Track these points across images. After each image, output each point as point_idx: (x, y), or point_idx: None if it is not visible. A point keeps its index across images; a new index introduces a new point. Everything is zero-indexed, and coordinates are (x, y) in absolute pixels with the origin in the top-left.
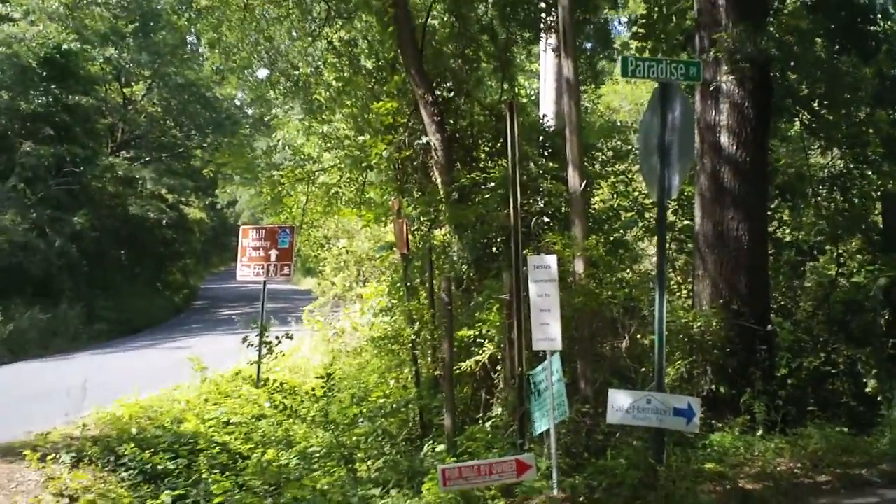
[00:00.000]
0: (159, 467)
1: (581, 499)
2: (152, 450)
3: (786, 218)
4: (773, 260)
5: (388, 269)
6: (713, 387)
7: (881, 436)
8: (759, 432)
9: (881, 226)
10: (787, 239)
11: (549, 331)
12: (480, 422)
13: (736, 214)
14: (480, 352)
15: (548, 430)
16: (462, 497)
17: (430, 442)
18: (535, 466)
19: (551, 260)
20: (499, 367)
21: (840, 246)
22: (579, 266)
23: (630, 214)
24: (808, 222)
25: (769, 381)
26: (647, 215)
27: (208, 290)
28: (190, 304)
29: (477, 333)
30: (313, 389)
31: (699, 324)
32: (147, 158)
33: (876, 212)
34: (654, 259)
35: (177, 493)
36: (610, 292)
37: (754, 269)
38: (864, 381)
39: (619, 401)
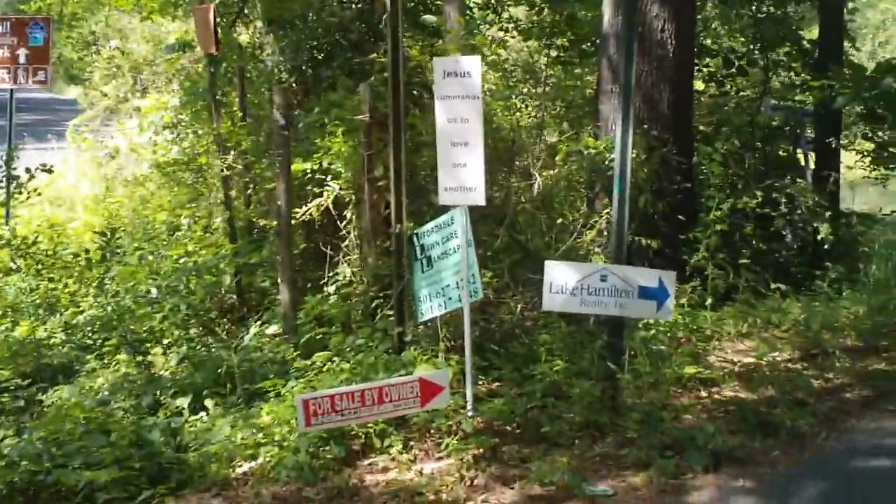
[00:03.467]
0: None
1: (510, 427)
2: None
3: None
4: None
5: (177, 75)
6: (638, 240)
7: (848, 299)
8: (708, 301)
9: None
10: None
11: (465, 175)
12: (324, 289)
13: (661, 10)
14: (327, 192)
15: (443, 317)
16: (330, 435)
17: (257, 322)
18: (447, 388)
19: (473, 65)
20: (347, 214)
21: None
22: None
23: (484, 13)
24: (740, 26)
25: (706, 231)
26: (504, 15)
27: None
28: None
29: (316, 167)
30: (87, 252)
31: (613, 156)
32: None
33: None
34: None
35: None
36: (505, 113)
37: (680, 83)
38: (815, 226)
39: (560, 277)
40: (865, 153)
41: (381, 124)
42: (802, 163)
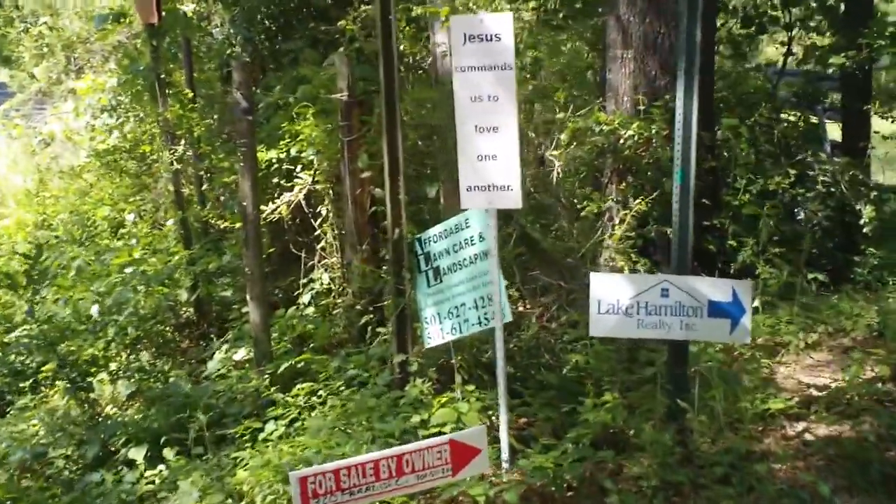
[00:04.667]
0: None
1: (557, 490)
2: None
3: None
4: None
5: (113, 53)
6: (662, 231)
7: None
8: (756, 303)
9: None
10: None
11: (495, 171)
12: (299, 300)
13: None
14: (298, 185)
15: (458, 342)
16: None
17: (220, 343)
18: (485, 450)
19: (503, 25)
20: (322, 210)
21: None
22: (440, 37)
23: None
24: None
25: (736, 218)
26: None
27: None
28: None
29: (283, 156)
30: (9, 277)
31: (630, 133)
32: None
33: None
34: None
35: None
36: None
37: (702, 45)
38: (857, 207)
39: (610, 293)
40: None
41: (361, 103)
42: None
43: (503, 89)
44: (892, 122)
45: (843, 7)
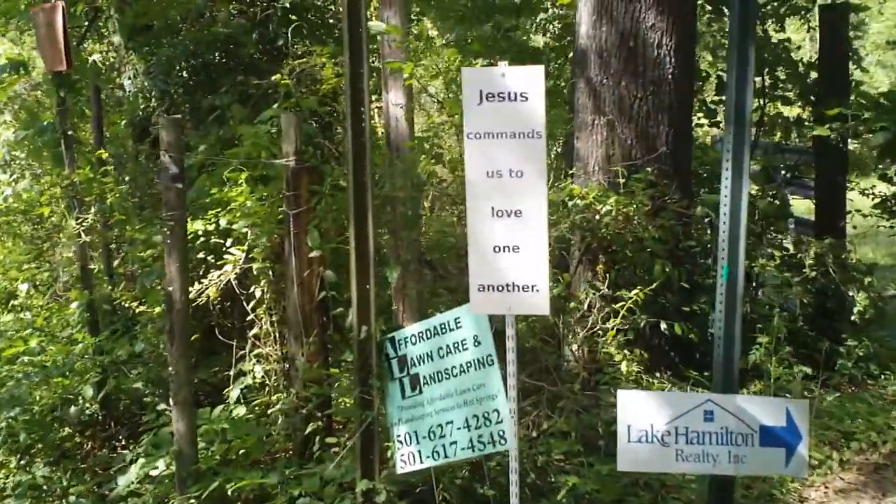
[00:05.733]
0: None
1: None
2: None
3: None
4: None
5: (9, 104)
6: (661, 331)
7: None
8: None
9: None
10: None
11: (515, 266)
12: (227, 396)
13: (658, 20)
14: (230, 262)
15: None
16: None
17: (136, 455)
18: None
19: (533, 80)
20: (257, 292)
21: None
22: (397, 97)
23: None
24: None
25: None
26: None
27: None
28: None
29: (211, 226)
30: None
31: (608, 208)
32: None
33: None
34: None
35: None
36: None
37: (680, 113)
38: (850, 294)
39: (641, 416)
40: (885, 197)
41: (311, 171)
42: None
43: (530, 162)
44: (873, 198)
45: (812, 75)
